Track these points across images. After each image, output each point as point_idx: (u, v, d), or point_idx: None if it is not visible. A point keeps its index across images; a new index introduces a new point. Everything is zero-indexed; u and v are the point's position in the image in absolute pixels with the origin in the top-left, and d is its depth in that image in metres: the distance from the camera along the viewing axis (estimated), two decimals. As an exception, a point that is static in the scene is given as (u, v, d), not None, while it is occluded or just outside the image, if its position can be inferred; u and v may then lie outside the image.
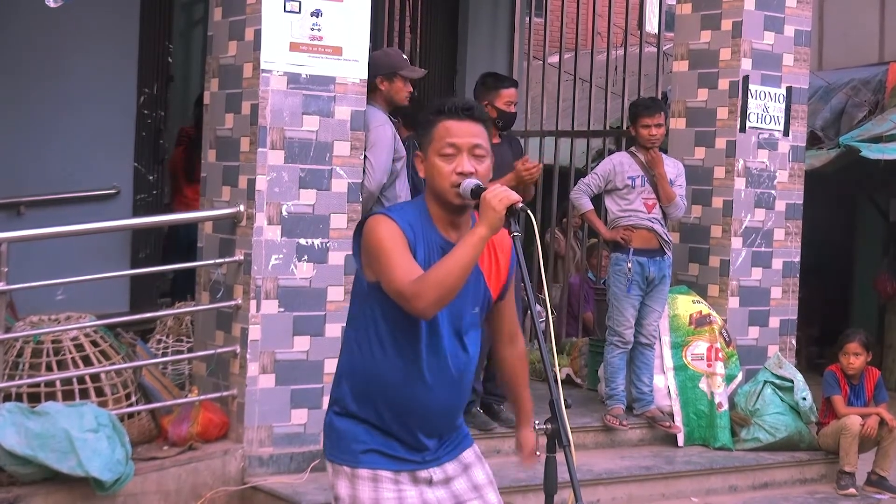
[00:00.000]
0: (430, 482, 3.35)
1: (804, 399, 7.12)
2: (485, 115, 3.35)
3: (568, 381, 8.17)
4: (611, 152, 8.21)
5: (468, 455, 3.46)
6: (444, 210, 3.32)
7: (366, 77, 6.14)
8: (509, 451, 6.39)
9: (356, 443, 3.31)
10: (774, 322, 7.59)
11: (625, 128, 8.28)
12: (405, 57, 6.51)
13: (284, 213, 5.92)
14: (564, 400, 3.16)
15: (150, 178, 8.65)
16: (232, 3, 6.12)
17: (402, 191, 6.37)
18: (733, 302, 7.44)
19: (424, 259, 3.24)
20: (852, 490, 6.90)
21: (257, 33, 5.87)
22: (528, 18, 10.04)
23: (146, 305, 8.13)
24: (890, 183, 10.91)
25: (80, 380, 5.71)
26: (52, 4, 6.28)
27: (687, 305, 7.27)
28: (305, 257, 5.97)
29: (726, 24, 7.45)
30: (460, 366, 3.34)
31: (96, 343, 5.85)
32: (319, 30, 5.98)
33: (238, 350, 5.91)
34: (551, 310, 3.35)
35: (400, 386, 3.28)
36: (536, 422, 3.21)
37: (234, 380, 5.95)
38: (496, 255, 3.41)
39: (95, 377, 5.76)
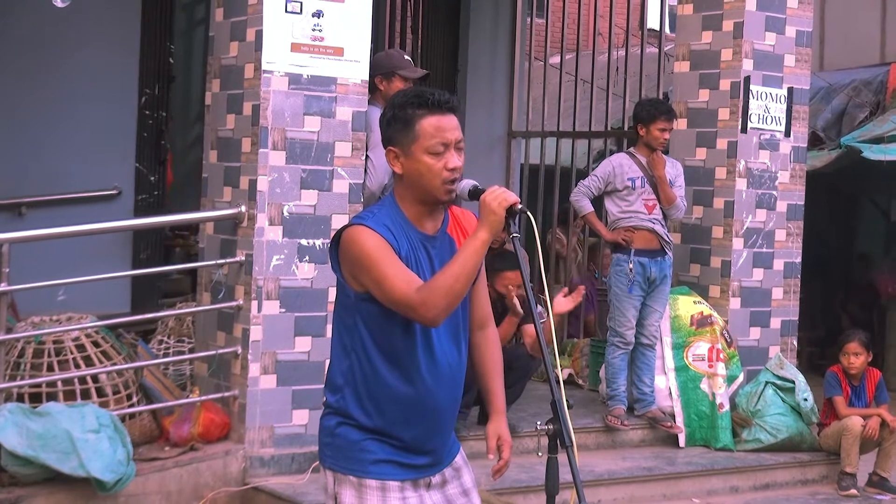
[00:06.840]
0: (428, 486, 3.36)
1: (805, 400, 7.12)
2: (458, 105, 3.30)
3: (569, 382, 8.17)
4: (612, 153, 8.21)
5: (458, 460, 3.46)
6: (423, 206, 3.27)
7: (367, 78, 6.14)
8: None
9: (365, 452, 3.27)
10: (776, 323, 7.59)
11: (626, 128, 8.27)
12: (407, 58, 6.50)
13: (286, 213, 5.92)
14: (566, 401, 3.15)
15: (152, 178, 8.64)
16: (233, 3, 6.12)
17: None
18: (734, 303, 7.44)
19: (407, 258, 3.22)
20: (854, 491, 6.89)
21: (259, 34, 5.87)
22: (529, 19, 10.04)
23: (147, 306, 8.13)
24: (891, 184, 10.91)
25: (82, 380, 5.72)
26: (59, 4, 6.29)
27: (688, 306, 7.26)
28: (307, 258, 5.97)
29: (728, 25, 7.45)
30: (454, 362, 3.32)
31: (98, 343, 5.85)
32: (321, 30, 5.98)
33: (239, 351, 5.91)
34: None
35: (405, 392, 3.26)
36: (538, 422, 3.20)
37: (236, 380, 5.95)
38: (465, 234, 3.34)
39: (97, 378, 5.76)
